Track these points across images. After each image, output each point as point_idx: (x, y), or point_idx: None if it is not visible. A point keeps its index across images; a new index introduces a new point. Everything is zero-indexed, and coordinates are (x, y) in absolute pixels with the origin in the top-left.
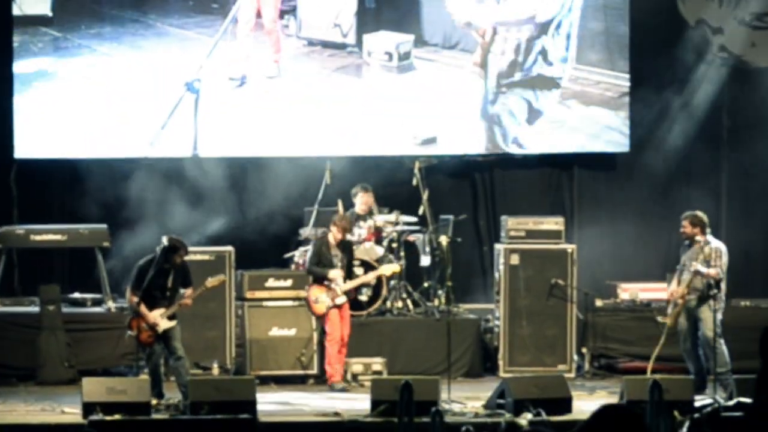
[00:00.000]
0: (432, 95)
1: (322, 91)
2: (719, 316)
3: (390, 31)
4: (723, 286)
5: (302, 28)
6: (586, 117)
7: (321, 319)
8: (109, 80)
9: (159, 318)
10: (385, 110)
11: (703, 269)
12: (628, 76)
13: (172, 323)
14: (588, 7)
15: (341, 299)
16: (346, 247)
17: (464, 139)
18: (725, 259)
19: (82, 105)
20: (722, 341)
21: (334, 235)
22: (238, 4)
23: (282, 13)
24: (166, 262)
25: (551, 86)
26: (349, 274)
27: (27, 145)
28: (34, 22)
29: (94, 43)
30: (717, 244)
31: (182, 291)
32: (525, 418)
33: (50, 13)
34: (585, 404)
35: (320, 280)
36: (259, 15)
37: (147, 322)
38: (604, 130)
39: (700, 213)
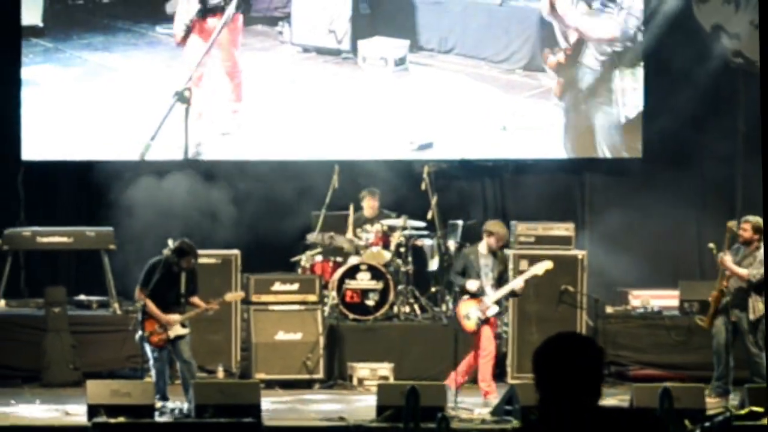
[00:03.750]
0: (428, 100)
1: (317, 97)
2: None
3: (385, 37)
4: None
5: (296, 35)
6: (597, 120)
7: (474, 335)
8: (101, 89)
9: (173, 322)
10: (381, 116)
11: (735, 267)
12: (642, 80)
13: (185, 330)
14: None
15: (493, 310)
16: (499, 255)
17: (461, 143)
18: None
19: (78, 112)
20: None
21: (486, 242)
22: (228, 12)
23: (276, 20)
24: (176, 265)
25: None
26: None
27: (34, 148)
28: (26, 33)
29: (86, 53)
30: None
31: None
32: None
33: (41, 24)
34: None
35: (467, 293)
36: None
37: (159, 322)
38: (616, 137)
39: (759, 219)
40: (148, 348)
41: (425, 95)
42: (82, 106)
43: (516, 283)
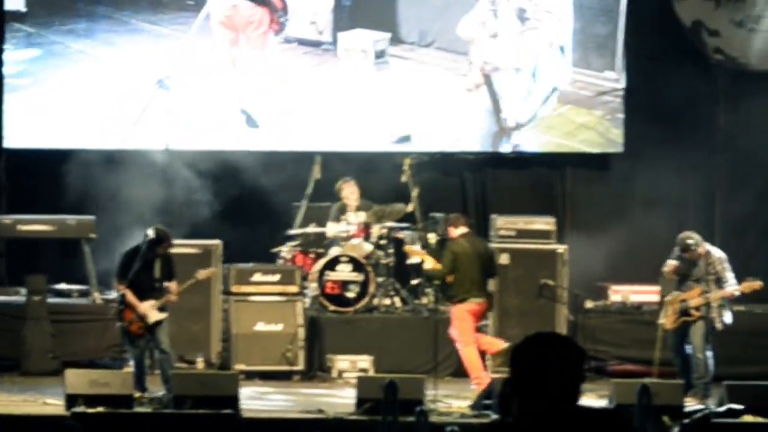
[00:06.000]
0: (407, 93)
1: (297, 88)
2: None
3: (366, 29)
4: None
5: None
6: (578, 118)
7: None
8: (82, 76)
9: (150, 309)
10: (361, 108)
11: (728, 289)
12: (623, 77)
13: (163, 315)
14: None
15: None
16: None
17: (440, 136)
18: (728, 264)
19: (60, 99)
20: (709, 352)
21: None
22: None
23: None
24: (151, 252)
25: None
26: None
27: (16, 135)
28: (9, 18)
29: (68, 39)
30: (718, 254)
31: (166, 284)
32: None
33: (24, 9)
34: None
35: None
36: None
37: (137, 312)
38: (597, 131)
39: (692, 234)
40: (127, 338)
41: (405, 88)
42: (64, 93)
43: None
